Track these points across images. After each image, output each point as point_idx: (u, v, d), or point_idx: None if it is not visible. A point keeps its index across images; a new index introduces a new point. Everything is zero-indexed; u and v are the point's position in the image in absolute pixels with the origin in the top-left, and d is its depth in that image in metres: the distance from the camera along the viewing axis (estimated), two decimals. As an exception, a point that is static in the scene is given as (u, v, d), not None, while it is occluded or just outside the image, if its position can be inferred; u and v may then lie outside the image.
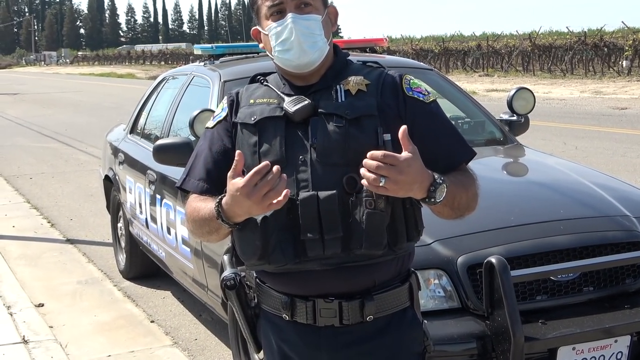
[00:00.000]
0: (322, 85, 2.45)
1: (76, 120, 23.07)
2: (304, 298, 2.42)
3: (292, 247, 2.33)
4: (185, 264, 5.44)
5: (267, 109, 2.44)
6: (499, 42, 43.94)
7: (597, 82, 30.46)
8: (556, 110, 21.15)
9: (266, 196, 2.18)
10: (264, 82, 2.55)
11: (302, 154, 2.37)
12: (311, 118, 2.40)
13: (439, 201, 2.25)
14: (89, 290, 6.93)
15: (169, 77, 7.23)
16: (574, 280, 4.01)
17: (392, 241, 2.35)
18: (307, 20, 2.40)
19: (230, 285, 2.52)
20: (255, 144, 2.42)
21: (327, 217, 2.30)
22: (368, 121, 2.37)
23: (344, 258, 2.34)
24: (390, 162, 2.13)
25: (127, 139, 7.30)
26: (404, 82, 2.46)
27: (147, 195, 6.15)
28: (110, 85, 45.67)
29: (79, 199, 11.03)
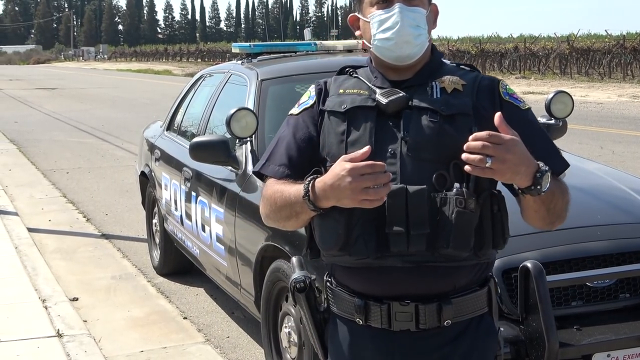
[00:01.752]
0: (417, 82, 2.41)
1: (113, 115, 23.24)
2: (379, 301, 2.35)
3: (375, 240, 2.27)
4: (219, 261, 5.46)
5: (358, 99, 2.41)
6: (537, 44, 43.64)
7: (635, 86, 30.17)
8: (593, 114, 20.97)
9: (365, 190, 2.13)
10: (353, 74, 2.52)
11: (391, 146, 2.32)
12: (404, 111, 2.35)
13: (544, 191, 2.18)
14: (123, 285, 6.98)
15: (206, 74, 7.26)
16: (610, 286, 3.97)
17: (477, 245, 2.30)
18: (414, 12, 2.36)
19: (300, 287, 2.47)
20: (344, 132, 2.38)
21: (415, 212, 2.23)
22: (462, 119, 2.33)
23: (427, 257, 2.28)
24: (497, 141, 2.08)
25: (163, 135, 7.34)
26: (500, 87, 2.43)
27: (182, 192, 6.18)
28: (147, 82, 45.96)
29: (115, 194, 11.11)
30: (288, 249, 4.30)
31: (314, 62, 6.28)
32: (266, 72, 5.69)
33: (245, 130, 4.95)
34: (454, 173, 2.29)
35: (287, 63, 6.11)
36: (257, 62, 6.08)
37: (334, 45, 6.78)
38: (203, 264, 6.03)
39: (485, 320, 2.44)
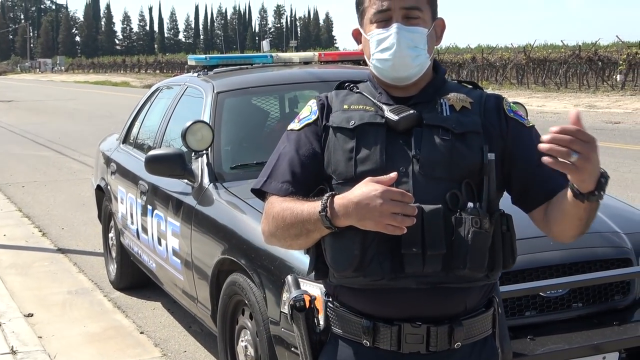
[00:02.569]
0: (423, 99, 2.36)
1: (70, 128, 23.06)
2: (389, 322, 2.27)
3: (389, 261, 2.21)
4: (176, 275, 5.43)
5: (367, 115, 2.34)
6: (494, 54, 44.02)
7: (590, 96, 30.54)
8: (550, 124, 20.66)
9: (393, 216, 2.07)
10: (354, 89, 2.45)
11: (403, 165, 2.26)
12: (414, 129, 2.29)
13: (601, 197, 2.07)
14: (79, 300, 6.92)
15: (162, 87, 7.23)
16: (563, 296, 4.02)
17: (489, 266, 2.26)
18: (412, 33, 2.31)
19: (300, 307, 2.35)
20: (352, 149, 2.30)
21: (432, 232, 2.17)
22: (474, 137, 2.29)
23: (442, 278, 2.23)
24: (585, 138, 1.94)
25: (119, 148, 7.30)
26: (504, 104, 2.40)
27: (138, 205, 6.14)
28: (105, 94, 45.65)
29: (71, 208, 11.02)
30: (244, 262, 4.29)
31: (270, 74, 6.29)
32: (222, 85, 5.68)
33: (201, 143, 4.95)
34: (465, 192, 2.25)
35: (243, 75, 6.11)
36: (213, 75, 6.07)
37: (290, 58, 6.80)
38: (160, 277, 6.00)
39: (489, 343, 2.40)
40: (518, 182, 2.35)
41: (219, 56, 6.78)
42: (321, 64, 6.63)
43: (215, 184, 4.98)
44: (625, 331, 3.96)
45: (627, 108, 25.56)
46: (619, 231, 4.34)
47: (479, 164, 2.25)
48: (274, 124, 5.75)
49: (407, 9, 2.30)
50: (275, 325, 3.99)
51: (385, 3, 2.31)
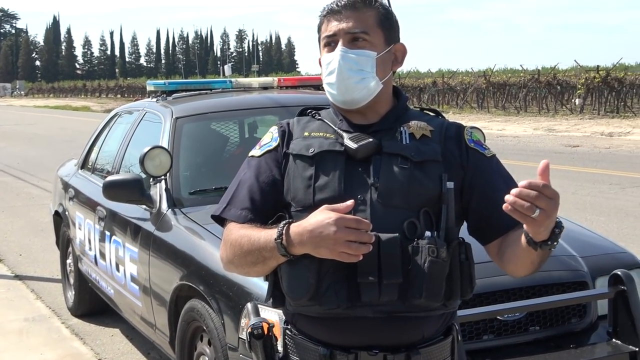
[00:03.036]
0: (384, 126, 2.36)
1: (29, 153, 22.86)
2: (346, 350, 2.27)
3: (346, 290, 2.20)
4: (134, 301, 5.38)
5: (326, 143, 2.34)
6: (455, 79, 44.39)
7: (550, 120, 30.86)
8: (509, 148, 21.36)
9: (348, 244, 2.08)
10: (316, 116, 2.46)
11: (361, 193, 2.26)
12: (373, 157, 2.30)
13: (554, 246, 2.09)
14: (36, 327, 6.82)
15: (121, 112, 7.20)
16: (520, 319, 4.04)
17: (447, 295, 2.25)
18: (357, 56, 2.31)
19: (258, 334, 2.33)
20: (311, 177, 2.31)
21: (388, 261, 2.17)
22: (433, 166, 2.29)
23: (398, 307, 2.23)
24: (549, 194, 1.96)
25: (77, 174, 7.25)
26: (465, 133, 2.39)
27: (96, 231, 6.10)
28: (66, 118, 45.31)
29: (29, 234, 10.90)
30: (203, 288, 4.27)
31: (229, 99, 6.29)
32: (181, 110, 5.67)
33: (159, 168, 4.93)
34: (424, 221, 2.25)
35: (203, 101, 6.10)
36: (172, 100, 6.05)
37: (249, 83, 6.80)
38: (118, 304, 5.94)
39: None
40: (475, 214, 2.36)
41: (178, 81, 6.77)
42: (280, 89, 6.64)
43: (173, 210, 4.96)
44: (582, 354, 3.99)
45: (586, 131, 25.87)
46: (575, 255, 4.38)
47: (437, 193, 2.26)
48: (233, 149, 5.75)
49: (353, 33, 2.32)
50: (233, 352, 3.97)
51: (333, 27, 2.34)
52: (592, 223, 9.84)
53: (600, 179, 14.51)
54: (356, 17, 2.33)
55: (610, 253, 4.59)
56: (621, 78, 32.01)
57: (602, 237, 4.91)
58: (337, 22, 2.34)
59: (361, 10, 2.34)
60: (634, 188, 13.20)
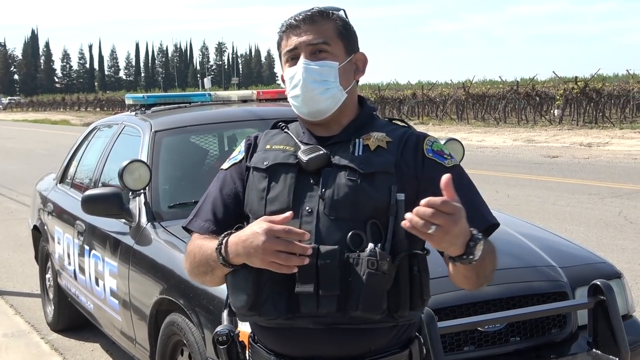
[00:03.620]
0: (343, 138, 2.39)
1: (7, 167, 22.71)
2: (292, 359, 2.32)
3: (285, 301, 2.23)
4: (114, 316, 5.36)
5: (281, 156, 2.38)
6: (434, 90, 44.55)
7: (529, 131, 31.00)
8: (489, 159, 21.45)
9: (276, 254, 2.11)
10: (284, 128, 2.50)
11: (309, 205, 2.29)
12: (324, 169, 2.33)
13: (475, 259, 2.09)
14: (15, 343, 6.77)
15: (100, 125, 7.18)
16: (501, 330, 4.04)
17: (393, 307, 2.24)
18: (319, 67, 2.35)
19: (222, 341, 2.40)
20: (264, 189, 2.36)
21: (326, 273, 2.19)
22: (382, 178, 2.29)
23: (338, 318, 2.23)
24: (448, 210, 1.97)
25: (56, 188, 7.22)
26: (425, 143, 2.38)
27: (75, 246, 6.06)
28: (44, 132, 45.13)
29: (8, 248, 10.82)
30: (183, 302, 4.25)
31: (208, 112, 6.28)
32: (160, 124, 5.66)
33: (138, 182, 4.91)
34: (370, 233, 2.25)
35: (182, 114, 6.09)
36: (151, 114, 6.04)
37: (228, 96, 6.80)
38: (98, 319, 5.91)
39: None
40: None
41: (156, 95, 6.75)
42: (260, 102, 6.64)
43: (153, 224, 4.94)
44: (562, 364, 4.00)
45: (565, 142, 26.00)
46: (555, 265, 4.39)
47: (385, 204, 2.26)
48: (213, 162, 5.73)
49: (314, 45, 2.36)
50: (214, 366, 3.95)
51: (293, 41, 2.38)
52: (571, 233, 9.89)
53: (579, 189, 14.58)
54: (315, 29, 2.37)
55: (589, 263, 4.61)
56: (599, 89, 32.23)
57: (581, 247, 4.93)
58: (297, 36, 2.37)
59: (319, 23, 2.38)
60: (613, 198, 13.27)
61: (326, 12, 2.41)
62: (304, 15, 2.39)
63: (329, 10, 2.42)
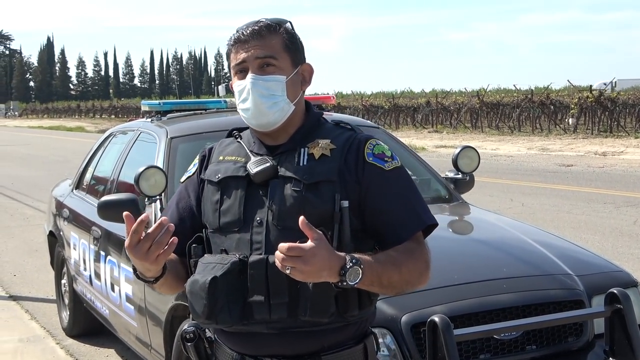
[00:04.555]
0: (289, 147, 2.47)
1: (23, 173, 22.81)
2: (254, 357, 2.42)
3: (239, 309, 2.34)
4: (129, 321, 5.37)
5: (232, 168, 2.48)
6: (448, 99, 44.51)
7: (543, 139, 30.93)
8: (504, 167, 21.41)
9: (149, 251, 2.24)
10: (238, 137, 2.59)
11: (259, 215, 2.39)
12: (271, 180, 2.41)
13: (352, 284, 2.21)
14: (31, 348, 6.79)
15: (116, 132, 7.20)
16: (517, 338, 4.03)
17: (342, 309, 2.33)
18: (267, 82, 2.42)
19: (189, 338, 2.51)
20: (217, 201, 2.46)
21: (275, 282, 2.29)
22: (326, 187, 2.37)
23: (289, 323, 2.34)
24: (296, 254, 2.12)
25: (72, 194, 7.24)
26: (367, 147, 2.45)
27: (91, 251, 6.08)
28: (60, 139, 45.30)
29: (24, 254, 10.86)
30: (198, 308, 4.25)
31: (224, 119, 6.28)
32: (175, 130, 5.67)
33: (154, 188, 4.92)
34: None
35: (197, 120, 6.10)
36: (167, 120, 6.05)
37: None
38: (113, 324, 5.93)
39: None
40: (371, 228, 2.42)
41: (172, 101, 6.78)
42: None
43: (169, 229, 4.93)
44: (578, 373, 3.98)
45: (580, 151, 25.94)
46: (571, 273, 4.38)
47: (330, 213, 2.34)
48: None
49: (261, 59, 2.44)
50: (229, 372, 3.95)
51: (242, 55, 2.46)
52: (587, 242, 9.86)
53: (594, 198, 14.53)
54: (262, 44, 2.45)
55: (606, 272, 4.59)
56: (614, 98, 32.15)
57: (597, 255, 4.91)
58: (245, 50, 2.45)
59: (266, 38, 2.46)
60: (628, 207, 13.22)
61: (273, 26, 2.48)
62: (251, 30, 2.46)
63: (276, 24, 2.50)
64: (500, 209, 11.69)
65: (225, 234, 2.43)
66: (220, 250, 2.41)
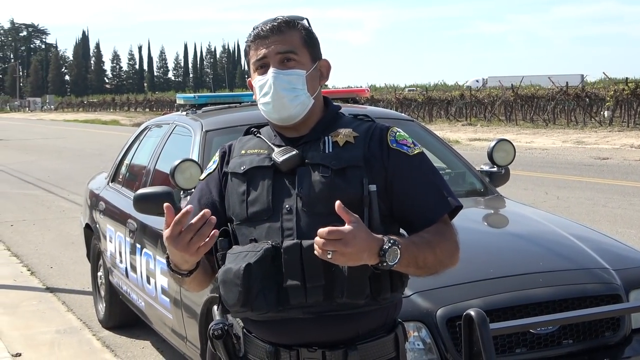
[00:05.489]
0: (312, 137, 2.51)
1: (59, 167, 23.03)
2: (288, 347, 2.43)
3: (274, 295, 2.36)
4: (165, 314, 5.40)
5: (257, 159, 2.52)
6: (482, 91, 44.30)
7: (579, 132, 30.69)
8: (538, 160, 21.27)
9: (191, 242, 2.25)
10: (257, 134, 2.63)
11: (288, 203, 2.43)
12: (298, 168, 2.46)
13: (392, 264, 2.26)
14: (68, 339, 6.86)
15: (151, 125, 7.24)
16: (553, 333, 4.01)
17: (375, 291, 2.36)
18: (288, 76, 2.47)
19: (218, 335, 2.52)
20: (244, 192, 2.49)
21: (310, 265, 2.32)
22: (353, 172, 2.42)
23: (326, 307, 2.37)
24: (336, 237, 2.16)
25: (108, 187, 7.29)
26: (389, 134, 2.52)
27: (127, 244, 6.12)
28: (95, 132, 45.67)
29: (60, 246, 10.97)
30: (233, 301, 4.26)
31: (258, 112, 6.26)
32: (210, 123, 5.69)
33: (189, 181, 4.94)
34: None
35: (232, 114, 6.12)
36: (202, 113, 6.07)
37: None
38: (149, 316, 5.97)
39: None
40: (398, 212, 2.47)
41: (207, 95, 6.80)
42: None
43: (204, 222, 4.95)
44: (615, 368, 3.95)
45: (615, 144, 25.70)
46: (608, 267, 4.35)
47: (359, 197, 2.39)
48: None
49: (282, 54, 2.49)
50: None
51: (262, 51, 2.51)
52: (623, 236, 9.76)
53: (630, 191, 14.40)
54: (282, 39, 2.50)
55: (643, 266, 4.55)
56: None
57: (634, 249, 4.86)
58: (265, 46, 2.50)
59: (286, 33, 2.51)
60: (665, 201, 13.08)
61: (292, 22, 2.54)
62: (270, 26, 2.51)
63: (294, 20, 2.55)
64: (535, 203, 11.61)
65: (254, 224, 2.46)
66: (250, 241, 2.44)
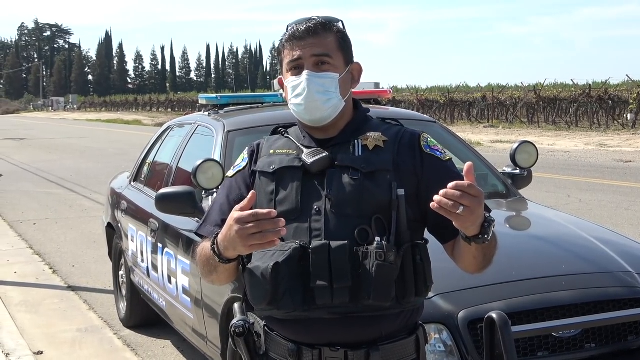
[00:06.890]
0: (341, 140, 2.54)
1: (81, 166, 23.14)
2: (311, 346, 2.45)
3: (301, 294, 2.38)
4: (186, 313, 5.41)
5: (286, 159, 2.54)
6: (504, 93, 44.09)
7: (601, 135, 30.52)
8: (560, 163, 21.17)
9: (252, 236, 2.22)
10: (285, 134, 2.65)
11: (317, 204, 2.45)
12: (328, 170, 2.48)
13: (489, 239, 2.29)
14: (89, 338, 6.89)
15: (173, 125, 7.26)
16: (576, 336, 3.98)
17: (400, 294, 2.40)
18: (322, 79, 2.49)
19: (239, 332, 2.53)
20: (273, 192, 2.51)
21: (337, 266, 2.35)
22: (383, 176, 2.45)
23: (351, 308, 2.39)
24: (474, 192, 2.16)
25: (130, 186, 7.32)
26: (421, 140, 2.55)
27: (148, 243, 6.14)
28: (117, 132, 45.87)
29: (82, 245, 11.02)
30: (254, 301, 4.26)
31: (280, 113, 6.28)
32: (233, 124, 5.70)
33: (211, 181, 4.95)
34: (375, 227, 2.41)
35: (254, 114, 6.12)
36: (224, 114, 6.09)
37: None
38: (170, 316, 5.98)
39: None
40: (432, 217, 2.44)
41: (229, 95, 6.80)
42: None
43: (225, 222, 4.96)
44: (638, 372, 3.92)
45: (638, 147, 25.54)
46: (632, 271, 4.32)
47: (387, 200, 2.42)
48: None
49: (317, 56, 2.51)
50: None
51: (297, 53, 2.52)
52: (646, 239, 9.69)
53: (654, 194, 14.29)
54: (318, 42, 2.51)
55: (667, 269, 4.51)
56: (675, 93, 31.54)
57: (658, 253, 4.82)
58: (300, 48, 2.51)
59: (322, 36, 2.53)
60: (689, 204, 12.97)
61: (327, 25, 2.55)
62: (306, 27, 2.53)
63: (330, 22, 2.57)
64: (557, 205, 11.56)
65: None
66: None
